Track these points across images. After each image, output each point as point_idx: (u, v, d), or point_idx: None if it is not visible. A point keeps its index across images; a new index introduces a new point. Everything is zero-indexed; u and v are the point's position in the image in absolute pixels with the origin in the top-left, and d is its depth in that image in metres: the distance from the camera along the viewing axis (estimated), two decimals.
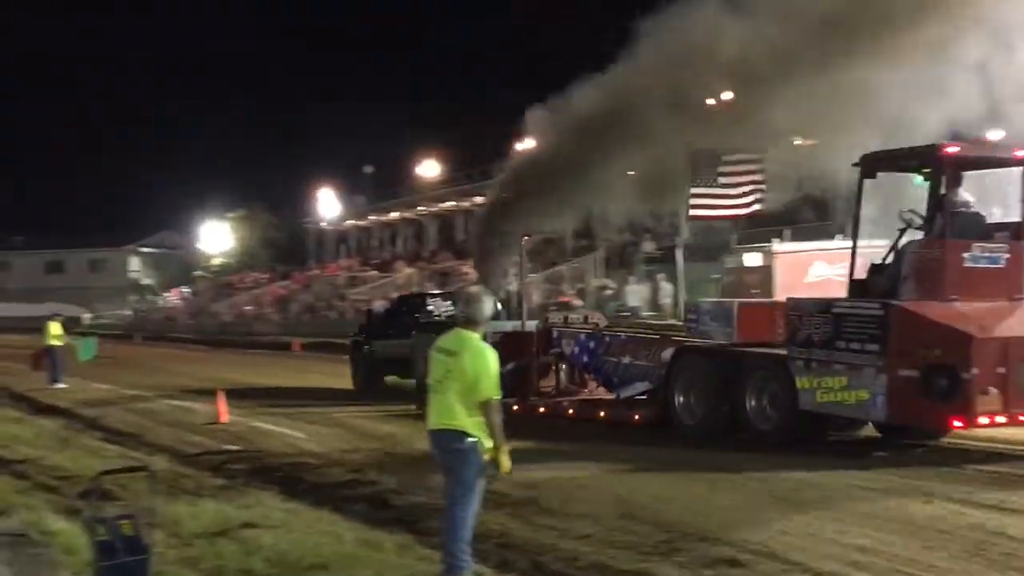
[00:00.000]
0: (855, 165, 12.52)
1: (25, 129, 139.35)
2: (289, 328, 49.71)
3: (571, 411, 15.83)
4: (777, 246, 27.57)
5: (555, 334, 16.82)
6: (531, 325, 17.36)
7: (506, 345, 14.90)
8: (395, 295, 30.33)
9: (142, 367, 31.92)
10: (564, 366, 16.93)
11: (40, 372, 25.20)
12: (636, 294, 31.45)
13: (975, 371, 10.80)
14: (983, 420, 11.08)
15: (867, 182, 12.45)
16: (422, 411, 9.69)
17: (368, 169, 67.37)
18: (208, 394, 19.89)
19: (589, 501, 9.92)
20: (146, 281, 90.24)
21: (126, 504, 8.59)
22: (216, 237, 78.76)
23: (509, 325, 17.26)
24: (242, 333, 51.21)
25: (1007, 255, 11.98)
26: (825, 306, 12.39)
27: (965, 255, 11.78)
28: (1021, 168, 12.09)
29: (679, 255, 29.89)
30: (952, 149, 11.94)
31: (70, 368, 25.84)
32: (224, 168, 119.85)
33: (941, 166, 11.91)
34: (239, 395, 20.46)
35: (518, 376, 15.98)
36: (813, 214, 29.94)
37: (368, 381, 21.90)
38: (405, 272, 49.84)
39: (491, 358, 6.92)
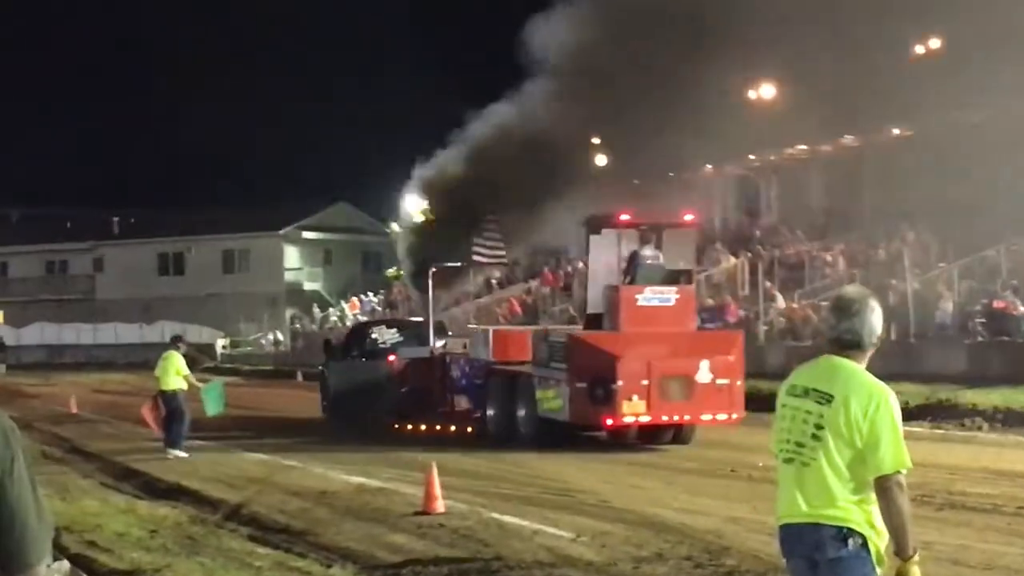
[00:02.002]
0: (582, 224, 26.46)
1: (131, 53, 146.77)
2: None
3: (437, 428, 28.65)
4: None
5: (448, 359, 30.23)
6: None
7: (413, 369, 30.92)
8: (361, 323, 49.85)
9: (307, 422, 33.37)
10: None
11: (158, 432, 26.44)
12: None
13: (620, 383, 23.69)
14: (629, 419, 24.15)
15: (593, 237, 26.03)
16: (331, 425, 30.95)
17: None
18: (411, 467, 20.59)
19: None
20: (311, 285, 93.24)
21: None
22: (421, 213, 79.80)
23: (426, 350, 31.26)
24: None
25: (677, 296, 25.01)
26: (545, 335, 26.64)
27: (638, 296, 24.66)
28: (693, 231, 27.11)
29: None
30: (624, 216, 25.24)
31: (200, 424, 27.06)
32: (430, 103, 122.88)
33: (619, 228, 25.50)
34: (462, 468, 21.11)
35: (415, 399, 29.94)
36: None
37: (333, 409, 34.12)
38: (727, 265, 49.31)
39: (894, 406, 6.71)
